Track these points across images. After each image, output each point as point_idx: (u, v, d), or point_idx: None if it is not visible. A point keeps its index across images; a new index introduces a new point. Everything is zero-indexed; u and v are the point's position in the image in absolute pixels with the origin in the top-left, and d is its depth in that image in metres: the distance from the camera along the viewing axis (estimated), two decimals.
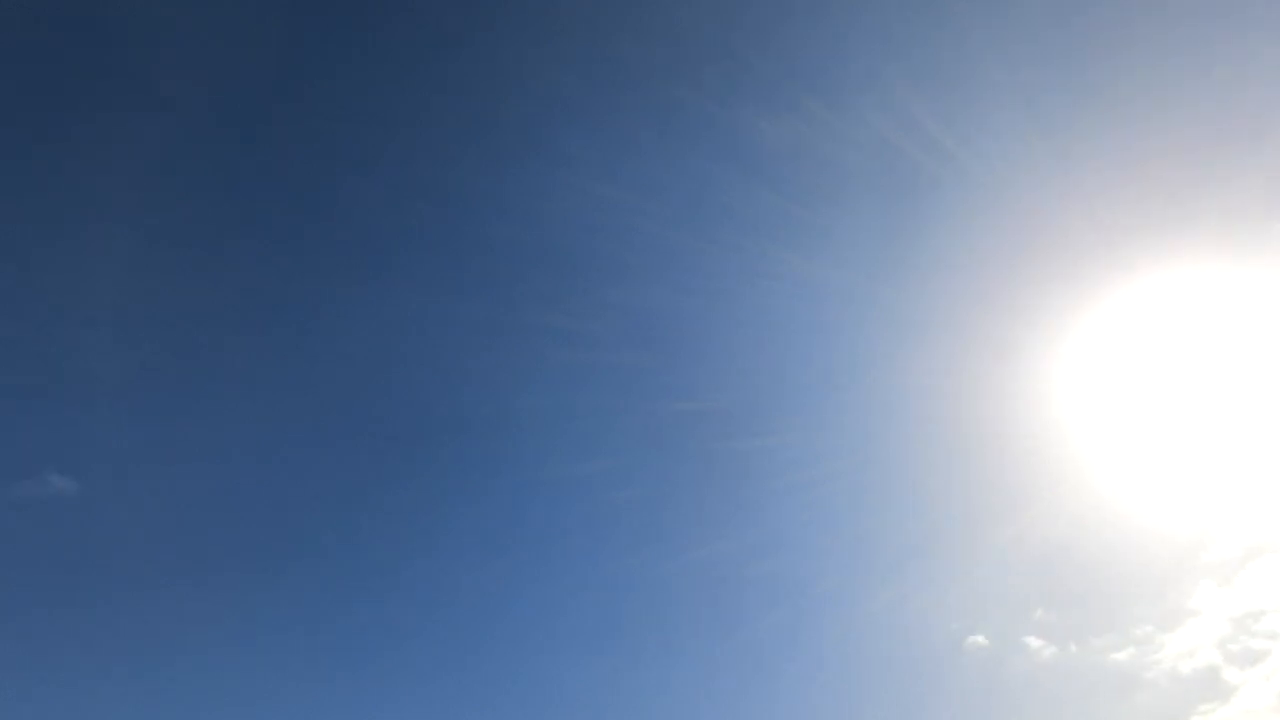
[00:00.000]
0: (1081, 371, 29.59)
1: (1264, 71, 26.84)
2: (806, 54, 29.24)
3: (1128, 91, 28.24)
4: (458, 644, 29.47)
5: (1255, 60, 27.08)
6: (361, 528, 29.93)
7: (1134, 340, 29.26)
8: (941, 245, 29.92)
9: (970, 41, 28.56)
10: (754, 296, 31.06)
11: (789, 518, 30.90)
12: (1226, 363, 29.12)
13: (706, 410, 31.03)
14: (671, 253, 30.77)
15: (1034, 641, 29.65)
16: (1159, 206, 28.00)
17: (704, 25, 28.70)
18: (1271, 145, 26.89)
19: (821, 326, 30.85)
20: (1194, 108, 27.72)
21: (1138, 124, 28.14)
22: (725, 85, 29.21)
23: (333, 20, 28.93)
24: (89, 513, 28.15)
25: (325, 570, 29.43)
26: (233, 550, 29.10)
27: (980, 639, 29.92)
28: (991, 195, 29.29)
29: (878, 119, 28.92)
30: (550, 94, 29.48)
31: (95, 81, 27.77)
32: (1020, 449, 29.71)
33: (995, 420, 29.82)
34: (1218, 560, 29.16)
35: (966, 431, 30.03)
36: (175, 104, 28.31)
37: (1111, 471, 29.74)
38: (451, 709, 27.98)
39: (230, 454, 29.73)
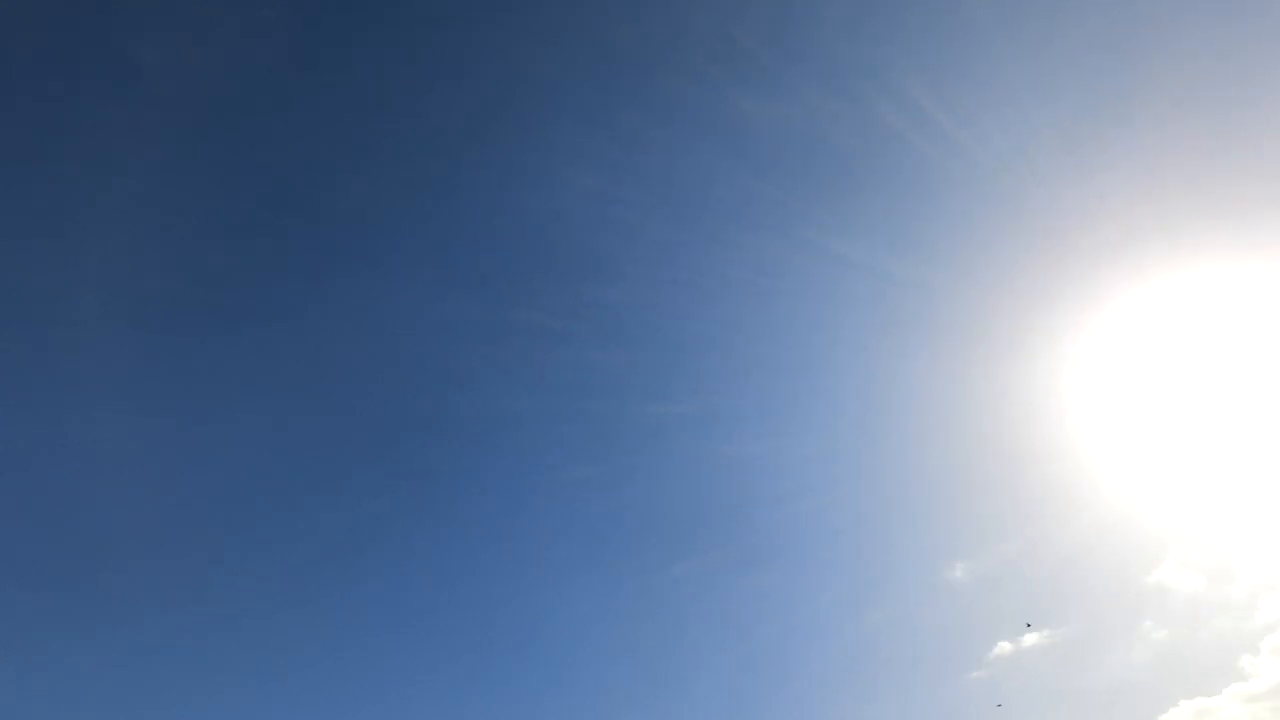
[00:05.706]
0: (1089, 373, 29.05)
1: (1273, 70, 26.28)
2: (807, 46, 28.98)
3: (1136, 84, 27.73)
4: (451, 646, 29.35)
5: (1266, 57, 26.50)
6: (355, 529, 29.91)
7: (1141, 340, 28.70)
8: (944, 242, 29.55)
9: (975, 33, 28.18)
10: (755, 297, 30.81)
11: (788, 522, 30.57)
12: (1236, 362, 28.49)
13: (707, 412, 30.73)
14: (671, 252, 30.56)
15: (1040, 652, 29.09)
16: (1168, 203, 27.45)
17: (701, 16, 28.50)
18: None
19: (824, 326, 30.52)
20: (1204, 104, 27.17)
21: (1147, 119, 27.62)
22: (726, 78, 28.98)
23: (330, 19, 29.01)
24: (89, 512, 28.32)
25: (318, 572, 29.43)
26: (226, 549, 29.23)
27: (985, 648, 29.39)
28: (995, 191, 28.87)
29: (880, 112, 28.58)
30: (546, 90, 29.38)
31: (95, 81, 27.99)
32: (1027, 451, 29.18)
33: (999, 422, 29.32)
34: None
35: (969, 435, 29.57)
36: (175, 102, 28.49)
37: (1119, 476, 29.15)
38: (443, 709, 27.85)
39: (223, 453, 29.85)
